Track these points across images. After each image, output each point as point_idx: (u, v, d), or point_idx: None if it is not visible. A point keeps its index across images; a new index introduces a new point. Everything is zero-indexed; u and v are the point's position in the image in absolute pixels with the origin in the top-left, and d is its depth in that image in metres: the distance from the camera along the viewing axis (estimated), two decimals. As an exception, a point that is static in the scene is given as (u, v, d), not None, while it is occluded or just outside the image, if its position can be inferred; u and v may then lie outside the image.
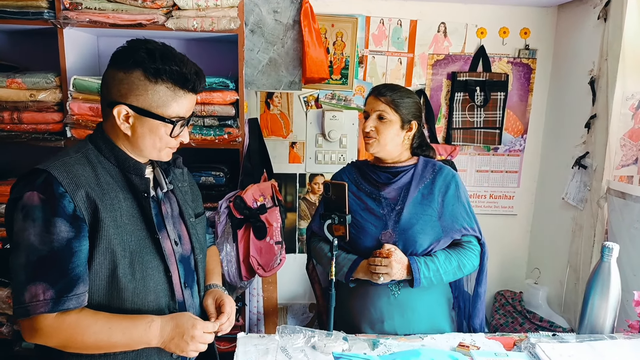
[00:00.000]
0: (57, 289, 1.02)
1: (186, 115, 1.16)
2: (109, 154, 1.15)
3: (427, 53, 2.47)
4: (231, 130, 2.03)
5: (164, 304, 1.19)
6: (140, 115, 1.11)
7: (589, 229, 2.19)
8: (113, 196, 1.12)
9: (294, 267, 2.63)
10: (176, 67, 1.09)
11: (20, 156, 2.24)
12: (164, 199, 1.25)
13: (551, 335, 1.52)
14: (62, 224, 1.03)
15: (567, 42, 2.42)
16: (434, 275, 1.53)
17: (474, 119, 2.52)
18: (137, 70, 1.08)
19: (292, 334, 1.47)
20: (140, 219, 1.16)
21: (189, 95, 1.14)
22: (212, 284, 1.39)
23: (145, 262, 1.14)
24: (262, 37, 2.14)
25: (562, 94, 2.46)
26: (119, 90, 1.10)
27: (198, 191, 1.44)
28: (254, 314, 2.40)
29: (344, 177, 1.72)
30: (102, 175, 1.12)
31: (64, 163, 1.08)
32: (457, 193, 1.61)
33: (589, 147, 2.22)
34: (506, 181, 2.66)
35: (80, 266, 1.06)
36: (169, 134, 1.14)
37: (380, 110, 1.57)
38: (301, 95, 2.44)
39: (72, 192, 1.05)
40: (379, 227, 1.58)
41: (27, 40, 2.19)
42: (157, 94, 1.10)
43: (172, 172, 1.30)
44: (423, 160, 1.65)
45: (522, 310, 2.53)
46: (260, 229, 2.00)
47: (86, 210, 1.06)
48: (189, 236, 1.29)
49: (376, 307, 1.59)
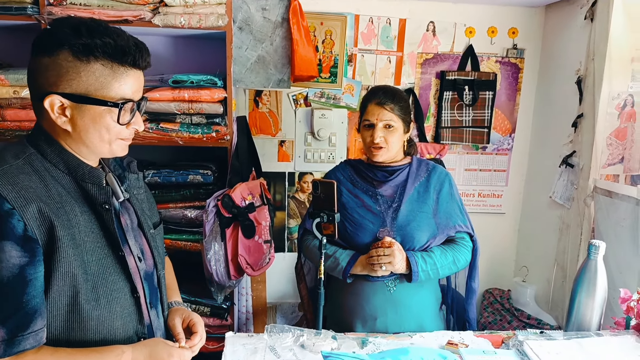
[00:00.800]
0: (10, 328, 0.85)
1: (134, 97, 0.99)
2: (57, 159, 0.97)
3: (416, 52, 2.47)
4: (219, 128, 2.02)
5: (132, 329, 1.05)
6: (77, 104, 0.93)
7: (575, 228, 2.21)
8: (69, 210, 0.94)
9: (283, 266, 2.62)
10: (109, 40, 0.92)
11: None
12: (121, 209, 1.08)
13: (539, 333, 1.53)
14: (12, 247, 0.86)
15: (555, 41, 2.43)
16: (431, 269, 1.55)
17: (463, 118, 2.53)
18: (64, 51, 0.91)
19: (281, 333, 1.46)
20: (100, 234, 1.00)
21: (132, 71, 0.97)
22: (175, 301, 1.28)
23: (109, 284, 0.99)
24: (251, 35, 2.12)
25: (550, 93, 2.48)
26: (46, 78, 0.92)
27: (152, 198, 1.29)
28: (243, 314, 2.39)
29: (339, 174, 1.72)
30: (53, 186, 0.95)
31: (5, 173, 0.90)
32: (450, 191, 1.66)
33: (575, 146, 2.24)
34: (494, 180, 2.67)
35: (37, 297, 0.89)
36: (116, 120, 0.96)
37: (386, 120, 1.57)
38: (290, 93, 2.43)
39: (21, 208, 0.87)
40: (376, 223, 1.59)
41: (10, 36, 2.14)
42: (92, 75, 0.92)
43: (126, 178, 1.13)
44: (416, 159, 1.69)
45: (510, 308, 2.54)
46: (248, 227, 1.99)
47: (39, 229, 0.89)
48: (150, 250, 1.15)
49: (370, 303, 1.60)
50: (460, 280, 1.77)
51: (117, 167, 1.13)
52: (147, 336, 1.09)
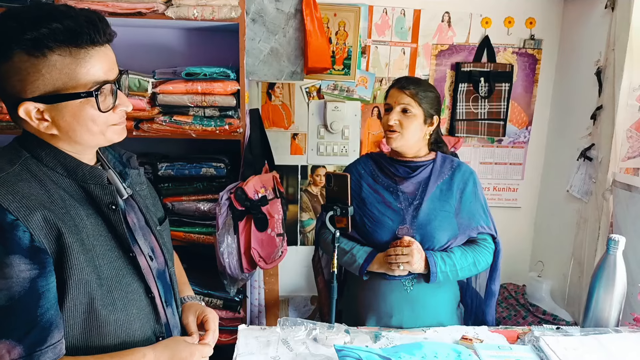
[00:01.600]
0: (27, 344, 0.82)
1: (108, 76, 0.89)
2: (53, 162, 0.92)
3: (431, 43, 2.44)
4: (232, 120, 2.01)
5: (150, 330, 1.03)
6: (52, 105, 0.86)
7: (593, 222, 2.17)
8: (74, 214, 0.90)
9: (296, 260, 2.62)
10: (57, 24, 0.82)
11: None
12: (126, 208, 1.04)
13: (555, 329, 1.51)
14: (20, 261, 0.82)
15: (574, 32, 2.38)
16: (450, 271, 1.52)
17: (478, 110, 2.49)
18: (16, 52, 0.82)
19: (294, 326, 1.46)
20: (109, 236, 0.96)
21: (94, 50, 0.87)
22: (187, 296, 1.26)
23: (124, 286, 0.97)
24: (264, 26, 2.11)
25: (568, 85, 2.43)
26: (12, 86, 0.85)
27: (155, 193, 1.24)
28: (255, 306, 2.40)
29: (360, 168, 1.69)
30: (54, 191, 0.90)
31: (4, 181, 0.84)
32: (474, 190, 1.61)
33: (594, 138, 2.19)
34: (510, 173, 2.63)
35: (51, 309, 0.86)
36: (97, 108, 0.89)
37: (404, 104, 1.53)
38: (303, 85, 2.41)
39: (25, 218, 0.82)
40: (395, 221, 1.56)
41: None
42: (54, 69, 0.84)
43: (128, 174, 1.08)
44: (441, 155, 1.64)
45: (525, 303, 2.51)
46: (261, 220, 1.98)
47: (46, 238, 0.85)
48: (160, 247, 1.11)
49: (387, 301, 1.58)
50: (482, 281, 1.73)
51: (117, 164, 1.08)
52: (165, 335, 1.07)
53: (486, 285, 1.69)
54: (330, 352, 1.33)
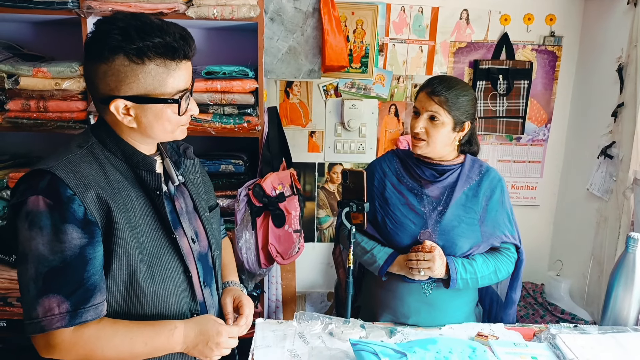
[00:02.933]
0: (74, 301, 0.95)
1: (187, 85, 1.05)
2: (115, 148, 1.05)
3: (449, 41, 2.43)
4: (250, 118, 2.04)
5: (186, 306, 1.12)
6: (140, 104, 1.00)
7: (614, 221, 2.14)
8: (125, 195, 1.03)
9: (313, 256, 2.65)
10: (159, 39, 0.96)
11: (46, 144, 2.31)
12: (176, 193, 1.16)
13: (572, 327, 1.50)
14: (74, 230, 0.95)
15: (595, 28, 2.35)
16: (470, 278, 1.50)
17: (497, 108, 2.48)
18: (119, 57, 0.96)
19: (310, 321, 1.48)
20: (155, 217, 1.07)
21: (183, 63, 1.02)
22: (230, 281, 1.34)
23: (163, 263, 1.07)
24: (282, 25, 2.13)
25: (589, 82, 2.40)
26: (107, 84, 0.98)
27: (210, 182, 1.36)
28: (273, 302, 2.43)
29: (385, 166, 1.66)
30: (111, 173, 1.03)
31: (69, 161, 0.98)
32: (502, 198, 1.57)
33: (615, 136, 2.16)
34: (529, 171, 2.61)
35: (96, 274, 0.98)
36: (176, 113, 1.03)
37: (432, 111, 1.48)
38: (320, 84, 2.43)
39: (81, 194, 0.96)
40: (418, 224, 1.54)
41: (52, 30, 2.23)
42: (149, 76, 0.98)
43: (182, 163, 1.20)
44: (470, 159, 1.59)
45: (543, 302, 2.49)
46: (278, 217, 2.01)
47: (98, 213, 0.98)
48: (205, 232, 1.21)
49: (405, 302, 1.57)
50: (503, 284, 1.70)
51: (173, 154, 1.19)
52: (200, 313, 1.15)
53: (507, 294, 1.66)
54: (346, 346, 1.34)
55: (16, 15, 1.96)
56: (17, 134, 2.24)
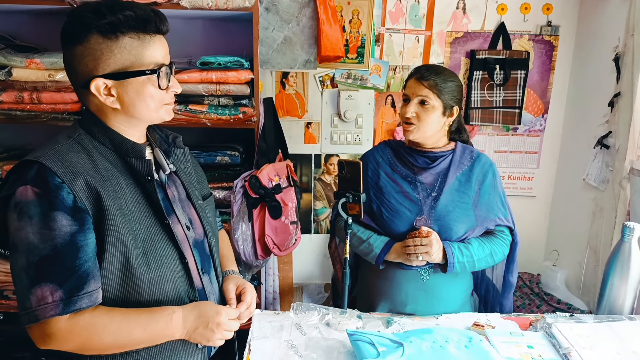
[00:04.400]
0: (67, 289, 0.94)
1: (165, 61, 1.05)
2: (103, 137, 1.05)
3: (446, 31, 2.42)
4: (246, 109, 2.03)
5: (184, 292, 1.12)
6: (119, 81, 1.00)
7: (610, 210, 2.14)
8: (114, 183, 1.02)
9: (310, 248, 2.65)
10: (130, 12, 0.98)
11: (39, 136, 2.29)
12: (168, 182, 1.16)
13: (568, 316, 1.50)
14: (63, 217, 0.94)
15: (591, 18, 2.33)
16: (467, 261, 1.51)
17: (493, 98, 2.47)
18: (92, 35, 0.97)
19: (307, 312, 1.48)
20: (146, 204, 1.07)
21: (157, 37, 1.03)
22: (230, 269, 1.35)
23: (158, 250, 1.06)
24: (277, 15, 2.11)
25: (585, 71, 2.39)
26: (85, 65, 0.99)
27: (202, 172, 1.37)
28: (270, 293, 2.43)
29: (377, 156, 1.68)
30: (100, 161, 1.03)
31: (56, 151, 0.99)
32: (494, 182, 1.59)
33: (612, 126, 2.16)
34: (525, 162, 2.61)
35: (89, 261, 0.97)
36: (157, 86, 1.04)
37: (422, 96, 1.50)
38: (317, 74, 2.42)
39: (70, 181, 0.96)
40: (413, 211, 1.56)
41: (45, 21, 2.20)
42: (124, 50, 0.99)
43: (173, 152, 1.20)
44: (461, 146, 1.62)
45: (539, 292, 2.50)
46: (275, 208, 2.01)
47: (87, 200, 0.97)
48: (200, 219, 1.22)
49: (402, 290, 1.58)
50: (498, 272, 1.72)
51: (163, 143, 1.20)
52: (199, 299, 1.15)
53: (503, 277, 1.68)
54: (343, 336, 1.35)
55: (8, 5, 1.94)
56: (10, 127, 2.21)
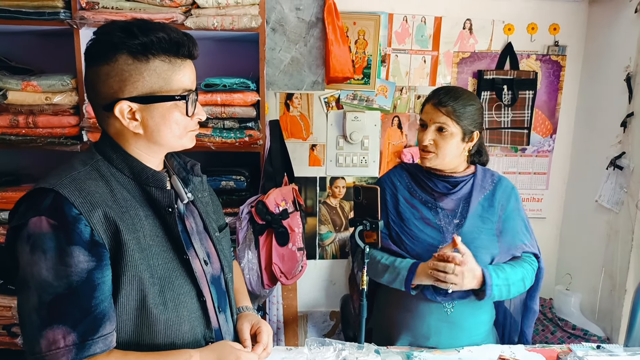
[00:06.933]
0: (80, 332, 0.86)
1: (192, 86, 1.00)
2: (122, 164, 0.98)
3: (452, 51, 2.38)
4: (252, 132, 1.96)
5: (200, 333, 1.04)
6: (146, 105, 0.94)
7: (626, 233, 2.09)
8: (133, 214, 0.95)
9: (315, 274, 2.55)
10: (163, 35, 0.92)
11: (35, 161, 2.20)
12: (186, 212, 1.09)
13: (595, 347, 1.44)
14: (80, 252, 0.87)
15: (600, 37, 2.32)
16: (503, 285, 1.41)
17: (501, 118, 2.43)
18: (121, 55, 0.91)
19: (322, 347, 1.40)
20: (165, 238, 1.00)
21: (188, 62, 0.98)
22: (244, 306, 1.26)
23: (176, 287, 0.99)
24: (284, 36, 2.07)
25: (594, 91, 2.36)
26: (110, 86, 0.92)
27: (218, 201, 1.29)
28: (274, 323, 2.33)
29: (395, 180, 1.61)
30: (118, 191, 0.96)
31: (73, 179, 0.91)
32: (517, 207, 1.53)
33: (625, 147, 2.12)
34: (534, 183, 2.56)
35: (105, 301, 0.90)
36: (184, 113, 0.98)
37: (440, 123, 1.44)
38: (322, 95, 2.36)
39: (88, 213, 0.88)
40: (436, 239, 1.48)
41: (42, 42, 2.14)
42: (154, 73, 0.93)
43: (190, 181, 1.13)
44: (481, 169, 1.55)
45: (553, 317, 2.42)
46: (282, 234, 1.93)
47: (105, 234, 0.90)
48: (217, 253, 1.14)
49: (425, 322, 1.49)
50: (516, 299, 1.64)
51: (181, 170, 1.13)
52: (215, 341, 1.07)
53: (525, 305, 1.60)
54: (364, 375, 1.26)
55: (4, 26, 1.86)
56: (4, 152, 2.13)
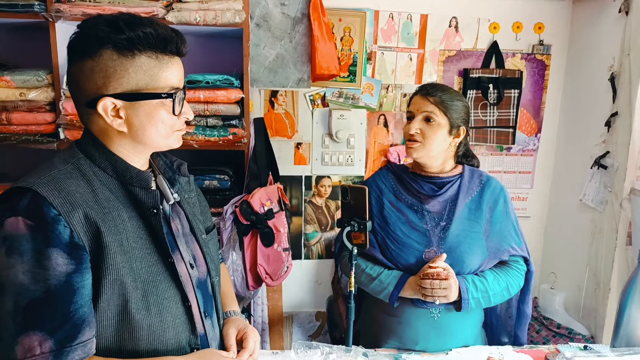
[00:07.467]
0: (58, 338, 0.82)
1: (180, 84, 0.96)
2: (105, 163, 0.94)
3: (438, 49, 2.37)
4: (236, 130, 1.91)
5: (185, 340, 1.00)
6: (130, 102, 0.90)
7: (610, 232, 2.10)
8: (116, 215, 0.91)
9: (300, 274, 2.52)
10: (150, 30, 0.89)
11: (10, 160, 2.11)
12: (172, 214, 1.05)
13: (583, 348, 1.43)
14: (59, 255, 0.83)
15: (584, 36, 2.32)
16: (482, 297, 1.40)
17: (487, 117, 2.42)
18: (106, 50, 0.87)
19: (309, 350, 1.36)
20: (149, 240, 0.96)
21: (175, 59, 0.94)
22: (232, 310, 1.22)
23: (160, 292, 0.95)
24: (269, 32, 2.02)
25: (579, 91, 2.37)
26: (94, 82, 0.89)
27: (205, 202, 1.24)
28: (259, 324, 2.28)
29: (380, 183, 1.57)
30: (100, 191, 0.91)
31: (53, 178, 0.87)
32: (505, 209, 1.50)
33: (609, 146, 2.13)
34: (519, 182, 2.56)
35: (85, 306, 0.85)
36: (170, 112, 0.94)
37: (428, 112, 1.42)
38: (307, 93, 2.32)
39: (67, 214, 0.84)
40: (422, 243, 1.45)
41: (16, 36, 2.05)
42: (139, 70, 0.89)
43: (177, 181, 1.08)
44: (469, 169, 1.53)
45: (538, 316, 2.43)
46: (267, 235, 1.89)
47: (86, 235, 0.86)
48: (203, 256, 1.10)
49: (412, 328, 1.47)
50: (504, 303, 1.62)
51: (167, 170, 1.09)
52: (201, 347, 1.04)
53: (518, 308, 1.58)
54: (352, 379, 1.23)
55: (-25, 19, 1.78)
56: (-24, 149, 2.04)
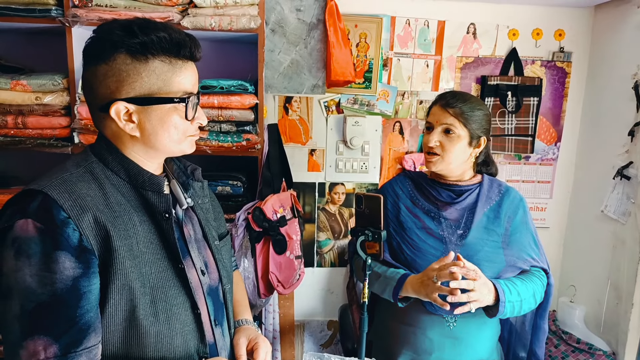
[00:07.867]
0: (63, 343, 0.82)
1: (194, 89, 0.96)
2: (118, 166, 0.94)
3: (456, 55, 2.33)
4: (250, 136, 1.90)
5: (193, 348, 0.98)
6: (143, 107, 0.90)
7: (633, 244, 2.03)
8: (126, 219, 0.91)
9: (312, 282, 2.48)
10: (164, 34, 0.89)
11: (24, 163, 2.13)
12: (184, 219, 1.04)
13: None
14: (67, 258, 0.82)
15: (606, 44, 2.27)
16: (516, 301, 1.33)
17: (505, 125, 2.37)
18: (120, 54, 0.88)
19: (320, 362, 1.33)
20: (160, 245, 0.95)
21: (189, 64, 0.94)
22: (243, 319, 1.19)
23: (169, 298, 0.93)
24: (284, 37, 2.00)
25: (601, 99, 2.31)
26: (107, 86, 0.89)
27: (220, 208, 1.23)
28: (270, 332, 2.25)
29: (397, 188, 1.55)
30: (112, 194, 0.91)
31: (64, 181, 0.87)
32: (525, 219, 1.46)
33: (632, 156, 2.06)
34: (538, 192, 2.50)
35: (91, 311, 0.84)
36: (183, 117, 0.93)
37: (447, 124, 1.39)
38: (322, 99, 2.30)
39: (77, 217, 0.84)
40: (438, 249, 1.41)
41: (33, 40, 2.07)
42: (153, 74, 0.89)
43: (191, 186, 1.08)
44: (488, 179, 1.49)
45: (556, 330, 2.36)
46: (280, 242, 1.86)
47: (95, 239, 0.85)
48: (215, 263, 1.09)
49: (427, 337, 1.42)
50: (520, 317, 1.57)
51: (181, 175, 1.08)
52: (210, 356, 1.02)
53: (535, 323, 1.53)
54: (365, 394, 1.19)
55: (-6, 23, 1.80)
56: (-8, 153, 2.06)
